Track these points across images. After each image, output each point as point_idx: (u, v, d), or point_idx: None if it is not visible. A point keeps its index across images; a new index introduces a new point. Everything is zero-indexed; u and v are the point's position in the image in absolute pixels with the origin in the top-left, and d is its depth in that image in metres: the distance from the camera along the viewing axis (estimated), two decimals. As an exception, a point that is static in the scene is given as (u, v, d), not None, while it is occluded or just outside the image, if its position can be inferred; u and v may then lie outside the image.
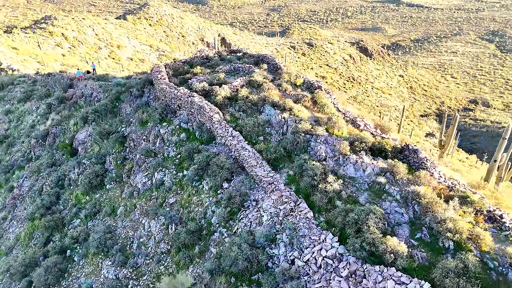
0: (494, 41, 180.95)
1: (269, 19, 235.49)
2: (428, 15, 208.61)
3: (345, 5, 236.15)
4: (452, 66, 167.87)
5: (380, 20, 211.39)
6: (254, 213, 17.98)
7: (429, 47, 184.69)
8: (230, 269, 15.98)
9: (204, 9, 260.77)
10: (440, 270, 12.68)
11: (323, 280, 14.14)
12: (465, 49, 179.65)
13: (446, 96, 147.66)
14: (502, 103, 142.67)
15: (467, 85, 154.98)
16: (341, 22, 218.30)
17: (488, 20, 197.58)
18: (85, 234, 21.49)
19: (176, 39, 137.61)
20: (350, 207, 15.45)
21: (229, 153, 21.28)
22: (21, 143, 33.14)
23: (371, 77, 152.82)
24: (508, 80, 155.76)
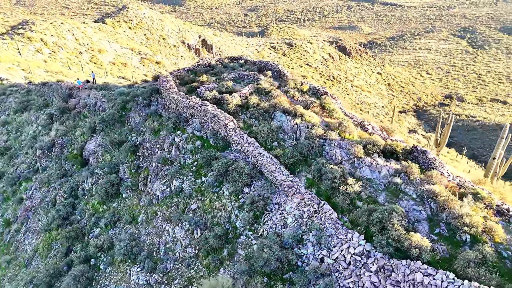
0: (466, 37, 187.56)
1: (247, 19, 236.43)
2: (402, 13, 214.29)
3: (321, 4, 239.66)
4: (426, 62, 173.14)
5: (356, 18, 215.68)
6: (278, 215, 19.09)
7: (404, 44, 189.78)
8: (262, 270, 17.06)
9: (181, 10, 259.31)
10: (461, 261, 14.14)
11: (354, 275, 15.41)
12: (438, 45, 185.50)
13: (423, 92, 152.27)
14: (475, 97, 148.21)
15: (441, 80, 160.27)
16: (318, 21, 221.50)
17: (459, 17, 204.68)
18: (109, 242, 22.08)
19: (156, 42, 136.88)
20: (373, 207, 16.78)
21: (246, 159, 22.30)
22: (24, 154, 33.13)
23: (350, 75, 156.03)
24: (480, 75, 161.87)
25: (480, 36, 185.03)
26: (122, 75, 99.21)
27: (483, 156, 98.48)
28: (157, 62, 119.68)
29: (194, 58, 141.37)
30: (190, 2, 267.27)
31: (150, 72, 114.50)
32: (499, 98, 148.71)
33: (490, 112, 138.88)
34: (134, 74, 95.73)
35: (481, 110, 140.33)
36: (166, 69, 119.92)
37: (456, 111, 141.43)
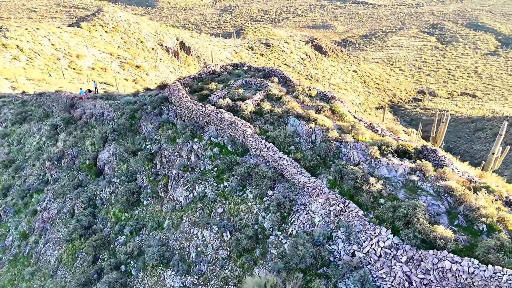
0: (435, 34, 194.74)
1: (222, 20, 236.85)
2: (373, 12, 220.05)
3: (295, 4, 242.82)
4: (399, 59, 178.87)
5: (329, 17, 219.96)
6: (304, 215, 20.49)
7: (376, 42, 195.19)
8: (298, 266, 18.41)
9: (154, 11, 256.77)
10: (483, 248, 15.94)
11: (385, 266, 17.00)
12: (409, 42, 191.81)
13: (397, 88, 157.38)
14: (446, 91, 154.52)
15: (414, 76, 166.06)
16: (292, 20, 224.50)
17: (428, 14, 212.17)
18: (137, 249, 22.87)
19: (134, 45, 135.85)
20: (397, 203, 18.43)
21: (266, 163, 23.56)
22: (31, 166, 33.17)
23: (327, 74, 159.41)
24: (450, 70, 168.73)
25: (448, 33, 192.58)
26: (103, 81, 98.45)
27: (457, 148, 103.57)
28: (137, 66, 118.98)
29: (173, 61, 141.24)
30: (163, 3, 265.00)
31: (131, 76, 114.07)
32: (469, 92, 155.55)
33: (461, 106, 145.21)
34: (115, 79, 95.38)
35: (452, 104, 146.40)
36: (147, 73, 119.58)
37: (429, 106, 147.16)
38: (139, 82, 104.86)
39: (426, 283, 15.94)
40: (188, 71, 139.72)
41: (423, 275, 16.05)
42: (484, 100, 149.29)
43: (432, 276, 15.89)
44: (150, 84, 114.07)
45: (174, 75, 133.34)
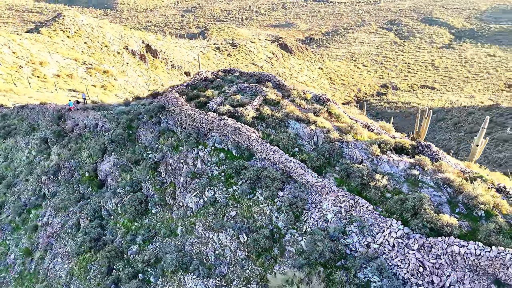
0: (393, 30, 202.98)
1: (185, 21, 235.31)
2: (333, 9, 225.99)
3: (257, 3, 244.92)
4: (361, 55, 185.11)
5: (292, 16, 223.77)
6: (317, 213, 21.89)
7: (339, 39, 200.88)
8: (317, 261, 19.76)
9: (114, 14, 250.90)
10: (484, 232, 17.93)
11: (400, 255, 18.68)
12: (369, 38, 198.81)
13: (361, 84, 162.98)
14: (407, 85, 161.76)
15: (376, 71, 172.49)
16: (256, 20, 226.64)
17: (385, 10, 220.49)
18: (154, 256, 23.43)
19: (99, 49, 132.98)
20: (404, 196, 20.17)
21: (272, 166, 24.76)
22: (24, 182, 32.59)
23: (295, 72, 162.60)
24: (409, 64, 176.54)
25: (405, 28, 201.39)
26: (72, 88, 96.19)
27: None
28: (104, 71, 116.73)
29: (140, 65, 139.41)
30: (122, 5, 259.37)
31: (99, 82, 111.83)
32: (428, 84, 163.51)
33: (421, 98, 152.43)
34: (85, 86, 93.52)
35: (413, 96, 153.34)
36: (115, 78, 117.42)
37: (392, 99, 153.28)
38: (108, 88, 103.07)
39: (438, 267, 17.74)
40: (157, 74, 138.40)
41: (435, 260, 17.84)
42: (442, 92, 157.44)
43: (443, 260, 17.70)
44: (119, 89, 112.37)
45: (142, 79, 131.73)
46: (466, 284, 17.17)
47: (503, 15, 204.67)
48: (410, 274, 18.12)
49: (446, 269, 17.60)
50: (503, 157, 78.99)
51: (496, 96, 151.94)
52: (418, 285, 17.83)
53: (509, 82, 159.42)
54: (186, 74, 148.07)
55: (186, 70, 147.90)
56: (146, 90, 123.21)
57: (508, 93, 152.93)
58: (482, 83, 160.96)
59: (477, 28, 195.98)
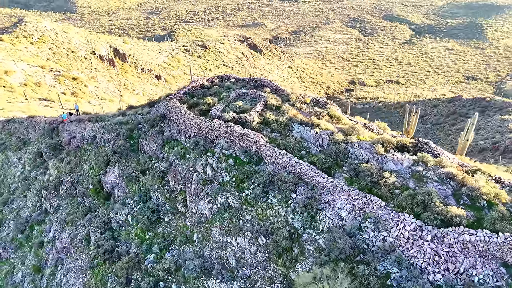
0: (357, 27, 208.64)
1: (150, 23, 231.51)
2: (298, 8, 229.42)
3: (222, 3, 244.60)
4: (328, 53, 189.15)
5: (258, 15, 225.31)
6: (331, 212, 23.15)
7: (305, 37, 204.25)
8: (339, 257, 21.00)
9: (74, 17, 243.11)
10: (489, 220, 19.75)
11: (415, 246, 20.22)
12: (335, 36, 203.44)
13: (330, 81, 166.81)
14: (373, 80, 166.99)
15: (344, 68, 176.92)
16: (222, 20, 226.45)
17: (348, 8, 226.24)
18: (174, 264, 23.91)
19: (65, 56, 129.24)
20: (413, 191, 21.74)
21: (282, 169, 25.79)
22: (22, 198, 31.92)
23: (265, 72, 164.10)
24: (374, 60, 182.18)
25: (368, 25, 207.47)
26: (42, 97, 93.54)
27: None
28: (74, 78, 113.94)
29: (109, 70, 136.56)
30: (83, 8, 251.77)
31: (68, 89, 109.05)
32: (393, 79, 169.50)
33: (388, 93, 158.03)
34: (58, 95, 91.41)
35: (380, 91, 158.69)
36: (85, 85, 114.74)
37: (361, 95, 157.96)
38: (79, 95, 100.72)
39: (452, 255, 19.42)
40: (127, 79, 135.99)
41: (448, 249, 19.50)
42: (406, 86, 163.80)
43: (455, 248, 19.39)
44: (90, 96, 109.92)
45: (113, 84, 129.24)
46: (478, 269, 18.93)
47: (458, 10, 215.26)
48: (427, 263, 19.71)
49: (459, 257, 19.30)
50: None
51: (456, 88, 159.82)
52: (435, 273, 19.44)
53: (467, 74, 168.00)
54: (157, 77, 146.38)
55: (156, 74, 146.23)
56: (118, 95, 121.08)
57: (467, 85, 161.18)
58: (443, 76, 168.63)
59: (435, 23, 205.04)
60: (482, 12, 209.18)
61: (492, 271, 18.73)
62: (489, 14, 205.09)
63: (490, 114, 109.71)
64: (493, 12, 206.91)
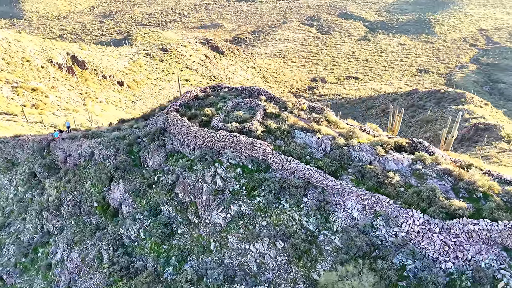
0: (314, 25, 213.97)
1: (104, 27, 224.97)
2: (256, 8, 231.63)
3: (179, 5, 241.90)
4: (288, 52, 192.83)
5: (216, 16, 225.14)
6: (343, 213, 24.76)
7: (265, 37, 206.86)
8: (357, 254, 22.63)
9: (22, 23, 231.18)
10: (488, 210, 22.10)
11: (425, 238, 22.22)
12: (294, 35, 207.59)
13: (293, 79, 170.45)
14: (334, 77, 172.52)
15: (305, 66, 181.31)
16: (180, 22, 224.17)
17: (304, 7, 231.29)
18: (196, 274, 24.58)
19: (20, 65, 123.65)
20: (418, 189, 23.74)
21: (290, 175, 27.10)
22: (20, 221, 31.06)
23: (229, 73, 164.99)
24: (333, 57, 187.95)
25: (325, 23, 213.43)
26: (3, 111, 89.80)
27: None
28: (33, 89, 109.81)
29: (68, 78, 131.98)
30: (30, 13, 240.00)
31: (28, 101, 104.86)
32: (352, 75, 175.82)
33: (348, 88, 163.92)
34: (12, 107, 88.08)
35: (341, 88, 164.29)
36: (46, 95, 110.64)
37: (323, 92, 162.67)
38: (40, 107, 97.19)
39: (459, 244, 21.57)
40: (88, 86, 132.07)
41: (455, 239, 21.64)
42: (365, 81, 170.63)
43: (461, 238, 21.56)
44: (52, 107, 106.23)
45: (74, 93, 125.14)
46: (483, 254, 21.21)
47: (407, 6, 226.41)
48: (438, 254, 21.77)
49: (465, 245, 21.50)
50: (429, 137, 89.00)
51: (411, 81, 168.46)
52: (446, 261, 21.54)
53: (419, 68, 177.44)
54: (119, 83, 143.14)
55: (118, 80, 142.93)
56: (82, 104, 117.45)
57: (420, 78, 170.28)
58: (398, 70, 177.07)
59: (387, 20, 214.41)
60: (429, 7, 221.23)
61: (495, 256, 21.05)
62: (436, 10, 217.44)
63: (445, 105, 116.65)
64: (439, 8, 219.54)
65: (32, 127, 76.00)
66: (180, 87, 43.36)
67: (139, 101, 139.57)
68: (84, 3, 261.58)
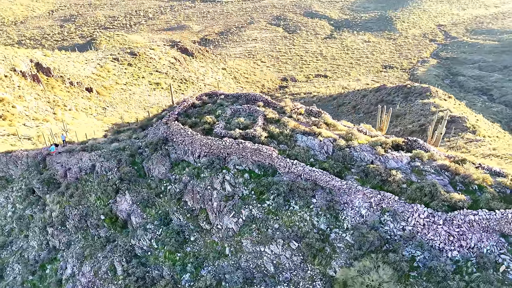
0: (281, 25, 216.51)
1: (65, 31, 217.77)
2: (222, 9, 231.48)
3: (143, 7, 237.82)
4: (257, 52, 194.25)
5: (182, 18, 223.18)
6: (351, 211, 26.20)
7: (233, 37, 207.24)
8: (369, 249, 24.10)
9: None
10: (484, 200, 24.15)
11: (431, 230, 24.00)
12: (261, 35, 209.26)
13: (264, 79, 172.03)
14: (304, 76, 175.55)
15: (274, 66, 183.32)
16: (145, 25, 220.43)
17: (270, 7, 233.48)
18: (214, 279, 25.26)
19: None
20: (420, 184, 25.51)
21: (297, 177, 28.26)
22: (23, 238, 30.47)
23: (200, 75, 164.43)
24: (301, 56, 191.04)
25: (291, 22, 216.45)
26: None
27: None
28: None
29: (34, 86, 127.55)
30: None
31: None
32: (321, 73, 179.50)
33: (318, 86, 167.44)
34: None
35: (311, 86, 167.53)
36: (13, 105, 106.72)
37: (294, 91, 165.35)
38: (8, 118, 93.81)
39: (462, 234, 23.48)
40: (55, 94, 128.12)
41: (458, 229, 23.54)
42: (334, 79, 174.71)
43: (464, 227, 23.48)
44: (20, 118, 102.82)
45: (42, 102, 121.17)
46: (484, 242, 23.22)
47: (369, 4, 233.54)
48: (443, 244, 23.59)
49: (468, 234, 23.43)
50: (400, 131, 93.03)
51: (377, 77, 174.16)
52: (451, 250, 23.39)
53: (384, 64, 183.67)
54: (88, 90, 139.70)
55: (87, 86, 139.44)
56: (51, 113, 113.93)
57: (386, 73, 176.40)
58: (364, 67, 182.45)
59: (351, 18, 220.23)
60: (390, 5, 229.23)
61: (495, 242, 23.11)
62: (396, 7, 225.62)
63: (412, 99, 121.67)
64: (400, 5, 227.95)
65: (5, 140, 73.21)
66: (172, 95, 43.51)
67: (110, 107, 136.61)
68: (42, 7, 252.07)
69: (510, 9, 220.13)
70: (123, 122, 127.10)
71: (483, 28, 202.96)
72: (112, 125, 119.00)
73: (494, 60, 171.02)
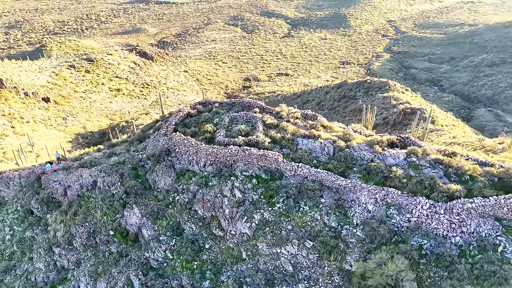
0: (238, 25, 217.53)
1: (11, 39, 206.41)
2: (178, 10, 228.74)
3: (94, 11, 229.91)
4: (218, 53, 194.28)
5: (137, 20, 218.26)
6: (358, 207, 27.92)
7: (191, 39, 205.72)
8: (380, 242, 25.89)
9: None
10: (477, 189, 26.68)
11: (434, 220, 26.19)
12: (220, 35, 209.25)
13: (227, 80, 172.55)
14: (266, 75, 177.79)
15: (236, 67, 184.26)
16: (98, 29, 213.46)
17: (227, 7, 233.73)
18: (236, 283, 26.06)
19: None
20: (420, 179, 27.66)
21: (303, 179, 29.59)
22: (27, 261, 29.55)
23: (162, 79, 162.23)
24: (262, 55, 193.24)
25: (249, 22, 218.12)
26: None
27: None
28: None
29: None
30: None
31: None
32: (282, 71, 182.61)
33: (281, 85, 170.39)
34: None
35: (274, 85, 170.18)
36: None
37: (258, 90, 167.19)
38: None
39: (462, 221, 25.84)
40: (10, 107, 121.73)
41: (458, 217, 25.88)
42: (295, 77, 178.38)
43: (463, 215, 25.85)
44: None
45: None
46: (482, 226, 25.70)
47: (323, 2, 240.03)
48: (447, 231, 25.85)
49: (467, 220, 25.83)
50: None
51: (336, 73, 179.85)
52: (454, 236, 25.70)
53: (342, 60, 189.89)
54: (45, 100, 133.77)
55: (43, 96, 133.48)
56: (9, 127, 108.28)
57: (344, 69, 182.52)
58: (323, 64, 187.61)
59: (306, 16, 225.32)
60: (343, 2, 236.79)
61: (491, 226, 25.68)
62: (349, 4, 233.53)
63: (373, 93, 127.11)
64: (352, 2, 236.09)
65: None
66: (162, 105, 43.34)
67: (71, 117, 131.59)
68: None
69: (453, 3, 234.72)
70: (86, 131, 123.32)
71: (430, 22, 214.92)
72: (76, 135, 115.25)
73: (442, 52, 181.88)
